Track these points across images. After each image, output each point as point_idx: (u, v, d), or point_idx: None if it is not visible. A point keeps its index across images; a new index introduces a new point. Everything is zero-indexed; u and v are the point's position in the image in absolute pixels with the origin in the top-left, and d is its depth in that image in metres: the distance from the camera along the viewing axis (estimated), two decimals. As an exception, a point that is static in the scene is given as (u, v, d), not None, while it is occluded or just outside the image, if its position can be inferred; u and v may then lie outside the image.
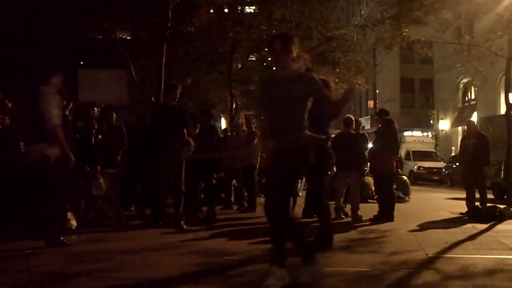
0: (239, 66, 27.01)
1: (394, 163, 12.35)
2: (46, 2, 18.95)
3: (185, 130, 10.13)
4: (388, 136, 12.26)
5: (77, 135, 10.22)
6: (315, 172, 8.36)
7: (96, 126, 10.66)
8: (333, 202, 12.45)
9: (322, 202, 8.36)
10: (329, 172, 13.46)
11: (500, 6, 14.68)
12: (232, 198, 14.46)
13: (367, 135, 14.18)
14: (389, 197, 12.18)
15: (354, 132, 12.66)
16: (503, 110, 22.99)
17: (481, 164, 13.51)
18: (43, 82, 8.02)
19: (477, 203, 13.29)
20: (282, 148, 5.61)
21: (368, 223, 11.60)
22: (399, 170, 14.96)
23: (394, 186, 13.44)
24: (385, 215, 11.77)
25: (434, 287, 5.78)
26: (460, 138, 40.46)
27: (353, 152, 12.09)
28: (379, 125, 12.99)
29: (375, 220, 11.77)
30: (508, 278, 6.18)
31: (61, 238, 7.96)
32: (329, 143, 8.61)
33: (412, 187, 19.04)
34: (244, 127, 14.79)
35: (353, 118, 12.94)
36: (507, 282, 6.01)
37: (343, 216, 12.31)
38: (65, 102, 8.67)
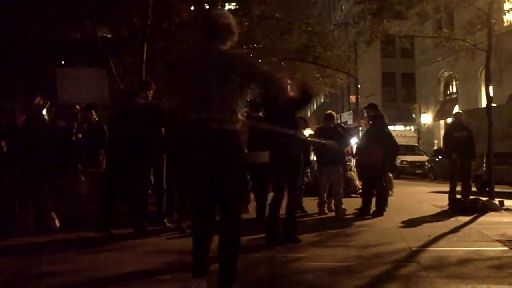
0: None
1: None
2: (24, 1, 18.79)
3: (162, 129, 10.02)
4: (379, 133, 12.31)
5: (57, 134, 10.17)
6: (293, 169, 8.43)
7: (76, 125, 10.58)
8: (316, 198, 12.48)
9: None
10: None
11: (479, -1, 14.77)
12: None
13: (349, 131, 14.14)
14: (380, 192, 12.20)
15: (333, 127, 12.60)
16: (484, 103, 23.15)
17: (471, 157, 13.66)
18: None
19: (459, 196, 13.37)
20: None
21: (353, 217, 11.65)
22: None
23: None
24: (375, 209, 11.82)
25: (417, 279, 5.78)
26: (442, 131, 40.94)
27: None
28: (369, 121, 13.05)
29: (360, 214, 11.82)
30: (490, 269, 6.21)
31: None
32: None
33: (395, 181, 19.08)
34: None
35: (333, 114, 12.93)
36: (488, 272, 6.03)
37: (326, 211, 12.34)
38: (41, 102, 8.65)
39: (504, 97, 29.62)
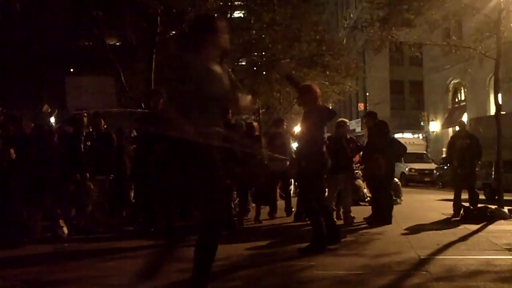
0: (229, 70, 26.99)
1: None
2: (34, 10, 18.90)
3: None
4: (383, 141, 12.28)
5: (65, 141, 10.22)
6: (305, 175, 8.42)
7: (84, 133, 10.62)
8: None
9: (311, 205, 8.39)
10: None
11: (487, 6, 14.72)
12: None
13: (355, 138, 14.09)
14: (387, 200, 12.18)
15: (342, 135, 12.58)
16: (493, 110, 23.08)
17: (475, 163, 13.69)
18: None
19: (466, 204, 13.33)
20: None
21: (362, 225, 11.64)
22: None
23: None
24: (383, 217, 11.77)
25: (426, 288, 5.77)
26: (451, 139, 40.76)
27: (342, 155, 12.05)
28: (368, 128, 13.03)
29: (368, 222, 11.81)
30: (499, 279, 6.17)
31: None
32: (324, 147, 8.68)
33: (403, 189, 19.02)
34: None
35: (346, 121, 12.92)
36: (499, 283, 6.00)
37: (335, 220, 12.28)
38: (49, 110, 8.69)
39: (513, 105, 29.51)
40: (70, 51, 21.09)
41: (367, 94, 53.29)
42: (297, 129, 24.78)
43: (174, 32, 21.34)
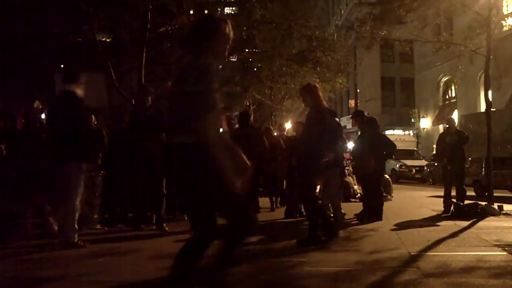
0: (220, 66, 26.95)
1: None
2: (24, 5, 18.80)
3: (164, 134, 10.02)
4: (372, 138, 12.29)
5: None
6: (305, 172, 8.48)
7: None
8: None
9: (310, 201, 8.45)
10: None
11: (477, 4, 14.77)
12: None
13: (344, 136, 14.13)
14: (377, 197, 12.20)
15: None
16: (483, 107, 23.15)
17: (462, 162, 13.71)
18: None
19: (455, 200, 13.39)
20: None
21: (353, 221, 11.66)
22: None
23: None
24: (374, 214, 11.78)
25: (415, 285, 5.76)
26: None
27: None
28: (361, 128, 13.08)
29: (359, 218, 11.83)
30: (489, 275, 6.19)
31: None
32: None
33: (394, 186, 19.07)
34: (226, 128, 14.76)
35: None
36: (489, 278, 6.01)
37: (331, 215, 12.28)
38: (40, 106, 8.64)
39: (503, 101, 29.61)
40: (61, 47, 21.00)
41: (358, 91, 53.37)
42: (288, 125, 24.80)
43: (164, 29, 21.30)
